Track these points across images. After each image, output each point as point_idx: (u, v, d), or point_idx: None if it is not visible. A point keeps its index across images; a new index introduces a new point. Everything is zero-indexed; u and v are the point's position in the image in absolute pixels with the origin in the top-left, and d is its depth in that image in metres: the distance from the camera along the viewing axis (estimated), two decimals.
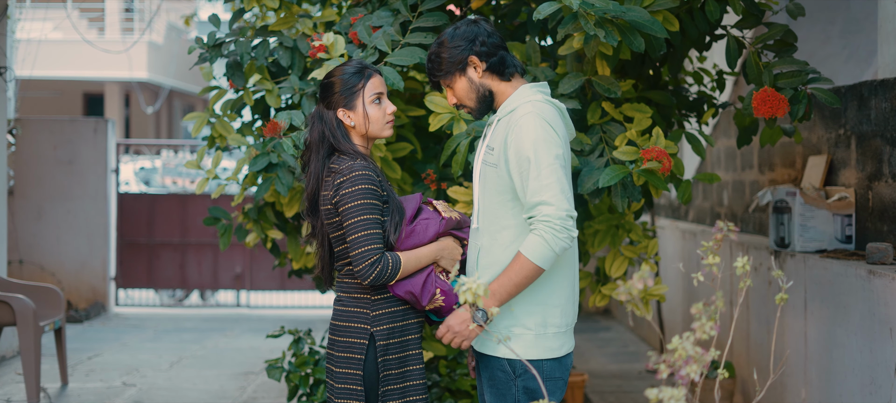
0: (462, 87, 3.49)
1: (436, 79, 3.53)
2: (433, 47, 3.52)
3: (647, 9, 4.30)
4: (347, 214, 3.47)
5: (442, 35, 3.53)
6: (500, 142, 3.41)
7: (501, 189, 3.41)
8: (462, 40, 3.48)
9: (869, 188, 5.77)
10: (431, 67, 3.54)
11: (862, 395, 5.07)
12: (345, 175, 3.51)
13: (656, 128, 4.43)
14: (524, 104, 3.41)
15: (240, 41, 4.93)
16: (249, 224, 5.46)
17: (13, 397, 7.20)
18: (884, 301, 4.83)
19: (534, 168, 3.28)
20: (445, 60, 3.50)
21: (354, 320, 3.57)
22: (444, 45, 3.51)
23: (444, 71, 3.51)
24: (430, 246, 3.58)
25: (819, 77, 4.72)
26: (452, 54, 3.48)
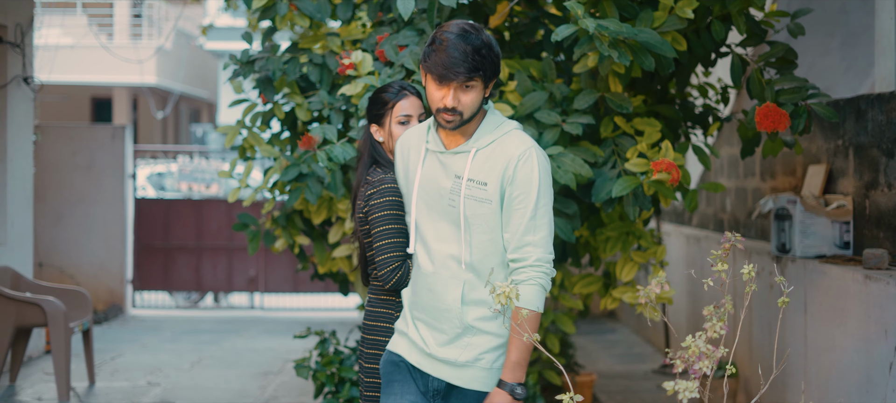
0: (478, 96, 3.30)
1: (476, 75, 3.25)
2: (483, 44, 3.26)
3: (657, 30, 4.59)
4: (375, 223, 3.75)
5: (484, 34, 3.30)
6: (495, 177, 3.29)
7: (494, 226, 3.33)
8: (497, 55, 3.32)
9: (866, 196, 6.05)
10: (485, 62, 3.25)
11: (859, 394, 5.36)
12: (375, 187, 3.79)
13: (665, 141, 4.72)
14: (527, 145, 3.31)
15: (271, 58, 5.22)
16: (278, 230, 5.75)
17: (44, 395, 7.49)
18: (879, 304, 5.12)
19: (532, 208, 3.27)
20: (495, 64, 3.31)
21: (381, 320, 3.84)
22: (492, 47, 3.30)
23: (491, 72, 3.29)
24: None
25: (818, 92, 5.01)
26: (496, 62, 3.31)
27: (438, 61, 3.25)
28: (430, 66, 3.27)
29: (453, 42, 3.25)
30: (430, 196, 3.38)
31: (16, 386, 7.74)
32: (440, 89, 3.28)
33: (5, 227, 8.46)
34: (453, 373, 3.39)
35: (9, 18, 8.42)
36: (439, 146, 3.38)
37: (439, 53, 3.25)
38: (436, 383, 3.43)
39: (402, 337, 3.51)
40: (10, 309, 7.38)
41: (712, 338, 2.61)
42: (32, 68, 8.87)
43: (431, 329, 3.40)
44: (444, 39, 3.27)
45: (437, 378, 3.42)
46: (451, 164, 3.35)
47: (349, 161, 4.78)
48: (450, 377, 3.39)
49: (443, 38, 3.28)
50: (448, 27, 3.31)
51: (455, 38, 3.25)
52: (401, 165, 3.53)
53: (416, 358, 3.45)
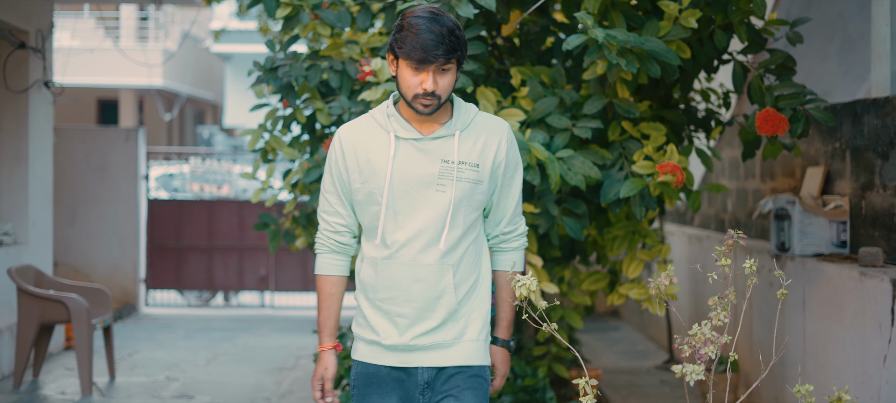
0: (453, 77, 3.26)
1: (456, 55, 3.21)
2: (453, 25, 3.22)
3: (663, 39, 4.84)
4: None
5: (450, 18, 3.25)
6: (487, 157, 3.32)
7: (480, 205, 3.36)
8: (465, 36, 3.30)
9: (862, 197, 6.30)
10: (458, 43, 3.21)
11: (854, 386, 5.61)
12: None
13: (670, 144, 4.97)
14: (504, 124, 3.38)
15: (294, 65, 5.47)
16: (298, 229, 5.99)
17: (67, 389, 7.73)
18: (874, 299, 5.37)
19: (517, 186, 3.41)
20: (465, 45, 3.27)
21: None
22: (461, 29, 3.26)
23: (463, 54, 3.25)
24: None
25: (816, 98, 5.26)
26: (466, 44, 3.28)
27: (416, 45, 3.16)
28: (408, 50, 3.18)
29: (426, 25, 3.17)
30: (408, 184, 3.26)
31: (39, 381, 7.99)
32: (418, 74, 3.19)
33: (27, 227, 8.70)
34: (443, 356, 3.33)
35: (30, 24, 8.67)
36: (413, 133, 3.28)
37: (415, 37, 3.17)
38: (425, 374, 3.34)
39: (372, 345, 3.36)
40: (34, 305, 7.62)
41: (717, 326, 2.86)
42: (52, 72, 9.12)
43: (417, 320, 3.30)
44: (415, 24, 3.19)
45: (426, 367, 3.34)
46: (434, 150, 3.27)
47: None
48: (440, 360, 3.33)
49: (414, 22, 3.20)
50: (415, 11, 3.24)
51: (427, 21, 3.19)
52: (351, 160, 3.32)
53: (397, 359, 3.33)
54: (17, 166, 8.67)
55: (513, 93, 5.24)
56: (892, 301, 5.19)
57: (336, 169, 3.36)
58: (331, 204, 3.40)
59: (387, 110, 3.33)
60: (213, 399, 7.52)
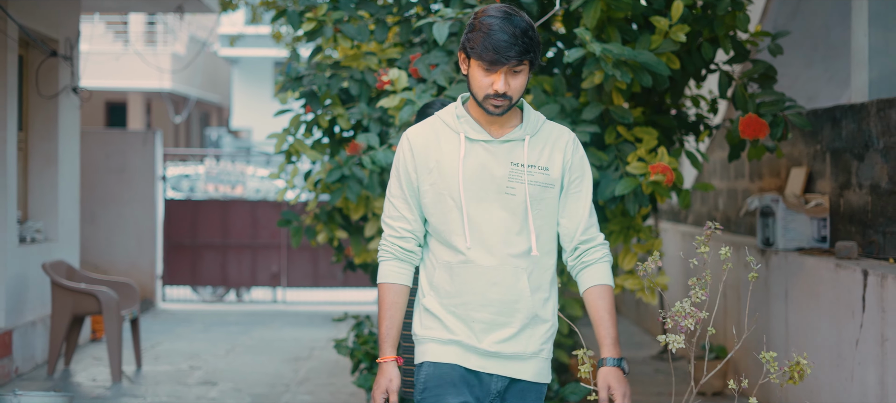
0: (525, 79, 3.20)
1: (529, 57, 3.15)
2: (527, 25, 3.16)
3: (654, 51, 5.34)
4: None
5: (525, 15, 3.21)
6: (556, 162, 3.28)
7: (553, 211, 3.31)
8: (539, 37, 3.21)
9: (840, 196, 6.81)
10: (532, 43, 3.15)
11: (830, 367, 6.12)
12: None
13: (662, 147, 5.48)
14: (567, 130, 3.36)
15: (317, 74, 5.98)
16: (319, 225, 6.50)
17: (97, 377, 8.23)
18: (848, 288, 5.88)
19: (588, 192, 3.33)
20: (539, 46, 3.20)
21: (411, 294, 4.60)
22: (535, 29, 3.19)
23: (537, 55, 3.19)
24: None
25: (794, 104, 5.77)
26: (540, 45, 3.21)
27: (489, 45, 3.10)
28: (480, 51, 3.12)
29: (499, 25, 3.12)
30: (479, 186, 3.22)
31: (70, 369, 8.49)
32: (489, 75, 3.14)
33: (57, 225, 9.21)
34: (519, 368, 3.28)
35: (60, 33, 9.17)
36: (483, 134, 3.24)
37: (487, 37, 3.11)
38: (498, 383, 3.28)
39: (450, 345, 3.28)
40: (67, 298, 8.13)
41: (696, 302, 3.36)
42: (79, 78, 9.62)
43: (494, 325, 3.24)
44: (488, 23, 3.13)
45: (501, 376, 3.27)
46: (503, 152, 3.23)
47: (388, 165, 5.53)
48: (516, 372, 3.27)
49: (486, 22, 3.14)
50: (488, 11, 3.18)
51: (500, 21, 3.13)
52: (420, 160, 3.27)
53: (475, 362, 3.26)
54: (48, 167, 9.18)
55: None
56: (864, 289, 5.70)
57: (404, 170, 3.28)
58: (397, 208, 3.30)
59: (456, 111, 3.28)
60: (235, 386, 8.02)
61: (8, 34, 8.03)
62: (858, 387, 5.75)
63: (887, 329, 5.42)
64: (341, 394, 7.75)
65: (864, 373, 5.69)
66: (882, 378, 5.48)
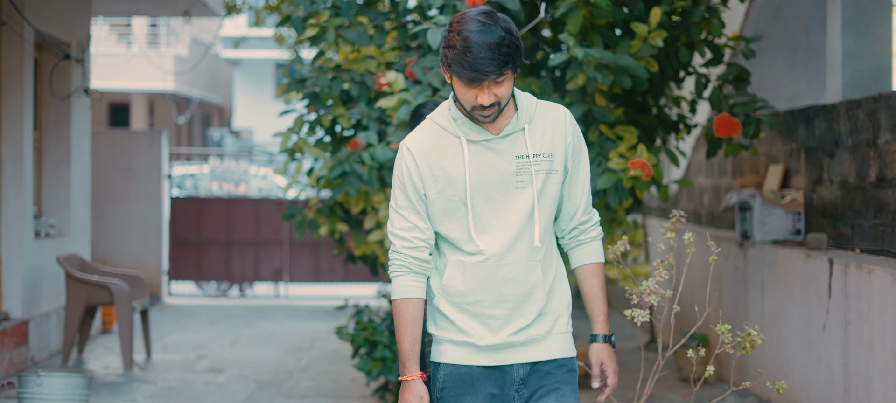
0: (509, 86, 3.13)
1: (511, 64, 3.08)
2: (504, 32, 3.07)
3: (634, 55, 5.74)
4: None
5: (502, 20, 3.10)
6: (559, 146, 3.25)
7: (557, 195, 3.29)
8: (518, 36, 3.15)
9: (814, 191, 7.21)
10: (511, 52, 3.07)
11: (801, 351, 6.52)
12: None
13: (641, 144, 5.88)
14: (563, 108, 3.31)
15: (320, 77, 6.38)
16: (321, 218, 6.91)
17: (109, 365, 8.64)
18: (816, 277, 6.28)
19: (584, 172, 3.33)
20: (519, 48, 3.12)
21: None
22: (513, 32, 3.10)
23: (518, 58, 3.11)
24: None
25: (766, 105, 6.17)
26: (520, 45, 3.13)
27: (466, 64, 3.04)
28: (457, 70, 3.07)
29: (476, 40, 3.03)
30: (488, 186, 3.20)
31: (84, 358, 8.89)
32: (471, 90, 3.09)
33: (69, 220, 9.61)
34: (538, 350, 3.27)
35: (72, 36, 9.58)
36: (483, 134, 3.20)
37: (464, 55, 3.04)
38: (520, 371, 3.27)
39: (463, 346, 3.26)
40: (81, 290, 8.53)
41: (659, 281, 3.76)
42: (90, 80, 10.02)
43: (509, 319, 3.23)
44: (465, 38, 3.05)
45: (521, 363, 3.26)
46: (507, 147, 3.20)
47: (386, 161, 5.94)
48: (535, 356, 3.26)
49: (464, 35, 3.05)
50: (464, 22, 3.08)
51: (476, 34, 3.04)
52: (424, 168, 3.22)
53: (491, 359, 3.25)
54: (61, 166, 9.58)
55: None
56: (830, 277, 6.11)
57: (409, 180, 3.21)
58: (405, 218, 3.23)
59: (451, 113, 3.23)
60: (241, 373, 8.43)
61: (25, 38, 8.43)
62: (825, 368, 6.16)
63: (850, 313, 5.82)
64: (342, 380, 8.16)
65: (830, 356, 6.10)
66: (845, 360, 5.88)
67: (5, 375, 7.73)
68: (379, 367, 6.65)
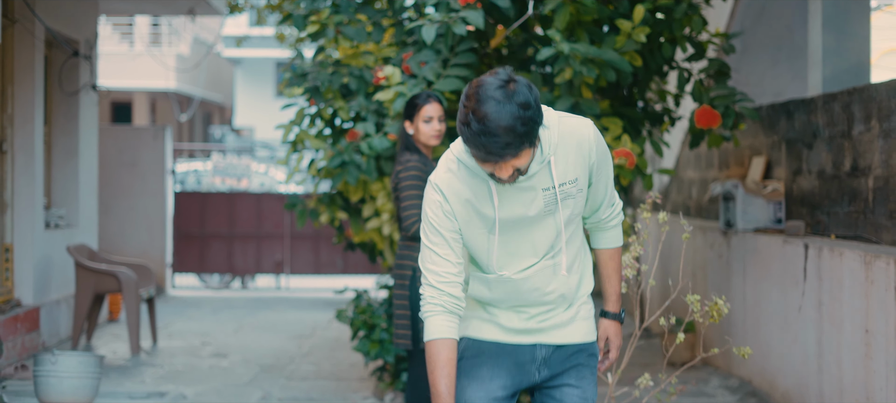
0: (529, 157, 3.05)
1: (528, 142, 2.98)
2: (520, 109, 2.93)
3: (618, 50, 6.06)
4: (401, 190, 5.25)
5: (522, 92, 2.96)
6: (582, 168, 3.21)
7: (582, 207, 3.30)
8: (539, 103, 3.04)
9: (794, 181, 7.52)
10: (527, 130, 2.96)
11: (779, 333, 6.84)
12: (402, 165, 5.30)
13: (625, 134, 6.20)
14: (586, 123, 3.23)
15: (320, 71, 6.70)
16: (322, 207, 7.22)
17: (117, 351, 8.95)
18: (792, 261, 6.60)
19: (607, 175, 3.32)
20: (538, 118, 3.01)
21: (405, 260, 5.34)
22: (530, 105, 2.97)
23: (537, 129, 3.01)
24: None
25: (745, 98, 6.49)
26: (539, 114, 3.01)
27: (480, 146, 2.96)
28: (472, 151, 3.00)
29: (491, 121, 2.92)
30: (516, 221, 3.21)
31: (92, 344, 9.20)
32: (487, 165, 3.03)
33: (77, 212, 9.93)
34: (562, 334, 3.32)
35: (81, 34, 9.90)
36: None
37: (478, 137, 2.95)
38: (542, 351, 3.33)
39: (488, 323, 3.35)
40: (90, 278, 8.84)
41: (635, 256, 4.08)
42: (97, 77, 10.33)
43: (536, 310, 3.32)
44: (480, 118, 2.93)
45: (544, 344, 3.33)
46: (534, 183, 3.17)
47: (383, 150, 6.25)
48: (559, 339, 3.32)
49: (480, 115, 2.94)
50: (480, 97, 2.96)
51: (494, 112, 2.92)
52: (456, 205, 3.20)
53: (517, 337, 3.33)
54: (70, 159, 9.89)
55: None
56: (805, 261, 6.43)
57: (439, 217, 3.20)
58: (438, 254, 3.22)
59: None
60: (244, 357, 8.75)
61: (36, 35, 8.74)
62: (801, 348, 6.48)
63: (823, 295, 6.14)
64: (342, 364, 8.48)
65: (805, 335, 6.42)
66: (819, 339, 6.20)
67: (18, 359, 8.04)
68: (377, 348, 6.96)
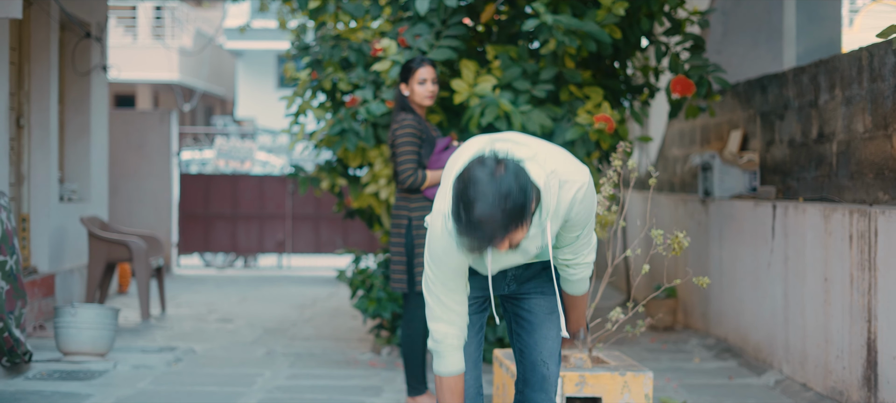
0: (526, 230, 3.12)
1: (516, 223, 3.05)
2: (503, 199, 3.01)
3: (599, 23, 6.52)
4: (397, 146, 5.74)
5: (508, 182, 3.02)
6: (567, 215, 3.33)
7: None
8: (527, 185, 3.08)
9: (767, 151, 7.99)
10: (516, 213, 3.03)
11: (751, 289, 7.30)
12: (398, 123, 5.79)
13: (606, 102, 6.66)
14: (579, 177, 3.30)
15: (322, 46, 7.16)
16: (322, 174, 7.68)
17: (129, 318, 9.41)
18: (762, 221, 7.07)
19: (592, 228, 3.45)
20: (527, 202, 3.06)
21: (401, 211, 5.81)
22: (519, 188, 3.04)
23: (528, 209, 3.07)
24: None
25: (718, 68, 6.96)
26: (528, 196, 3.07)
27: (467, 244, 3.08)
28: (465, 243, 3.10)
29: (479, 212, 3.02)
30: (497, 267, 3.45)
31: None
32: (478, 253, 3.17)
33: (89, 187, 10.39)
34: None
35: (93, 16, 10.36)
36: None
37: (465, 231, 3.06)
38: (512, 269, 3.55)
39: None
40: (102, 247, 9.31)
41: (606, 196, 4.55)
42: (107, 58, 10.80)
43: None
44: (468, 206, 3.03)
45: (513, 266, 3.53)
46: (528, 246, 3.33)
47: (380, 116, 6.71)
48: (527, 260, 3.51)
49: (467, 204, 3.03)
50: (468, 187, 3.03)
51: (480, 205, 3.01)
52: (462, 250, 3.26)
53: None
54: (82, 137, 10.36)
55: (488, 65, 6.92)
56: (773, 220, 6.90)
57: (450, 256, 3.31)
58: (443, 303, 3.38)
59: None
60: (249, 323, 9.22)
61: (51, 16, 9.21)
62: (769, 302, 6.95)
63: (789, 250, 6.61)
64: (342, 328, 8.95)
65: (773, 289, 6.89)
66: (785, 291, 6.67)
67: (35, 321, 8.50)
68: (374, 306, 7.43)
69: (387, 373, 6.98)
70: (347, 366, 7.25)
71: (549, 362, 3.61)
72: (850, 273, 5.76)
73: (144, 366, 7.05)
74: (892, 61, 5.84)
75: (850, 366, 5.77)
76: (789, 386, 6.48)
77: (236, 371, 7.04)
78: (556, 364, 3.62)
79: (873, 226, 5.49)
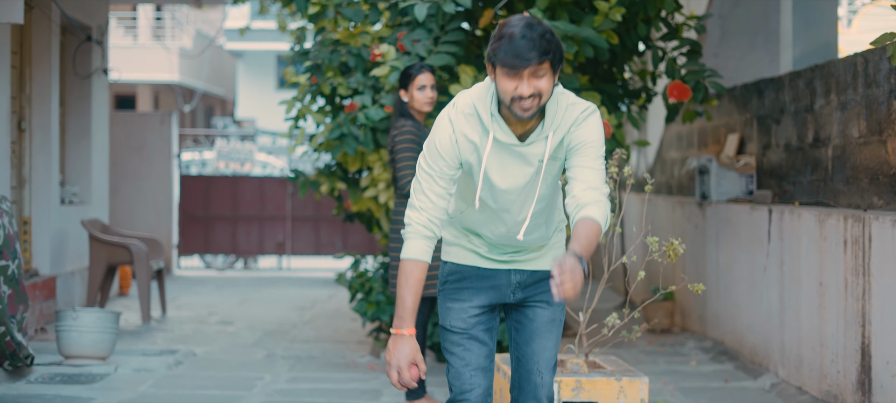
0: (549, 83, 3.33)
1: (549, 57, 3.29)
2: (545, 29, 3.31)
3: (596, 28, 6.58)
4: (397, 152, 5.79)
5: (545, 26, 3.33)
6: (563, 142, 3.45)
7: (558, 177, 3.57)
8: (560, 41, 3.37)
9: (764, 155, 8.04)
10: (551, 47, 3.30)
11: (747, 293, 7.36)
12: (397, 129, 5.84)
13: (603, 107, 6.71)
14: (586, 104, 3.48)
15: (321, 50, 7.22)
16: (322, 178, 7.73)
17: (129, 320, 9.46)
18: (758, 225, 7.13)
19: (599, 159, 3.46)
20: (560, 49, 3.36)
21: (400, 216, 5.87)
22: (555, 34, 3.35)
23: (558, 57, 3.34)
24: None
25: (714, 73, 7.02)
26: (561, 48, 3.37)
27: (509, 51, 3.27)
28: (501, 58, 3.29)
29: (520, 32, 3.28)
30: (502, 181, 3.48)
31: None
32: (512, 80, 3.29)
33: (90, 189, 10.45)
34: (535, 262, 3.63)
35: (93, 20, 10.41)
36: (511, 138, 3.42)
37: (508, 43, 3.28)
38: (517, 276, 3.63)
39: (469, 252, 3.65)
40: (103, 250, 9.36)
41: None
42: (108, 61, 10.85)
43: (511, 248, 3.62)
44: (510, 32, 3.30)
45: (519, 270, 3.63)
46: (530, 153, 3.44)
47: (379, 121, 6.77)
48: (532, 266, 3.62)
49: (509, 31, 3.30)
50: (510, 22, 3.35)
51: (521, 28, 3.29)
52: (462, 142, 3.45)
53: (495, 264, 3.64)
54: (82, 140, 10.41)
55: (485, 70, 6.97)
56: (769, 224, 6.95)
57: (447, 142, 3.45)
58: (433, 180, 3.48)
59: (491, 108, 3.42)
60: (249, 325, 9.27)
61: (52, 20, 9.26)
62: (765, 305, 7.00)
63: (784, 254, 6.66)
64: (341, 330, 9.00)
65: (769, 293, 6.94)
66: (781, 295, 6.73)
67: (36, 324, 8.55)
68: (374, 309, 7.48)
69: (386, 377, 7.03)
70: (347, 369, 7.31)
71: (544, 372, 3.69)
72: (845, 277, 5.81)
73: (145, 369, 7.11)
74: (887, 67, 5.90)
75: (844, 370, 5.83)
76: (785, 390, 6.53)
77: (236, 375, 7.10)
78: (550, 374, 3.70)
79: (867, 232, 5.54)
